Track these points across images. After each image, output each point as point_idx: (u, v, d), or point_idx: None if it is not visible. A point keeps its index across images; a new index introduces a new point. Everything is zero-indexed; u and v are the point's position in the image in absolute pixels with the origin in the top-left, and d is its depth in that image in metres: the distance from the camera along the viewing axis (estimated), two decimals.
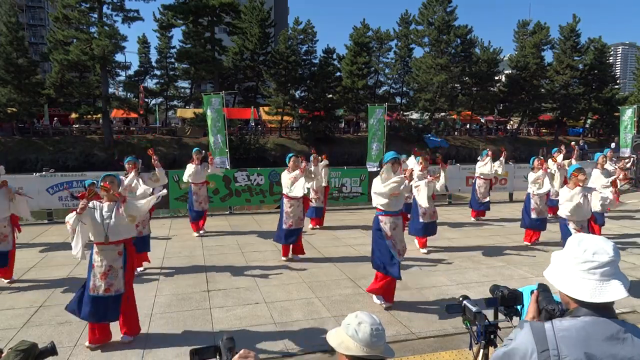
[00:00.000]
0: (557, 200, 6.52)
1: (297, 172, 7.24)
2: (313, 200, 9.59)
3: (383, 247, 5.36)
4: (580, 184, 5.82)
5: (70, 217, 4.22)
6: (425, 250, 7.95)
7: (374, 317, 1.70)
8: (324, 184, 9.99)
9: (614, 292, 1.42)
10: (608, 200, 5.72)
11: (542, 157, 9.06)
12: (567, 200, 5.85)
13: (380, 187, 5.32)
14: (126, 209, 4.35)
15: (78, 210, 4.17)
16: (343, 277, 6.57)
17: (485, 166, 10.55)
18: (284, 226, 7.36)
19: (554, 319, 1.48)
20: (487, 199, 10.64)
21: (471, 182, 11.43)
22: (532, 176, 8.55)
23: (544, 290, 1.90)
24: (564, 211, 5.96)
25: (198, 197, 9.24)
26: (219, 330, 4.80)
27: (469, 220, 10.74)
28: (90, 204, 4.32)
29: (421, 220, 7.90)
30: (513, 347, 1.48)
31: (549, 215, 9.49)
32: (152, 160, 7.57)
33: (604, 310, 1.44)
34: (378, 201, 5.41)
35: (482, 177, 10.59)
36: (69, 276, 6.61)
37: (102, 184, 4.37)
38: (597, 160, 9.12)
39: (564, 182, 6.50)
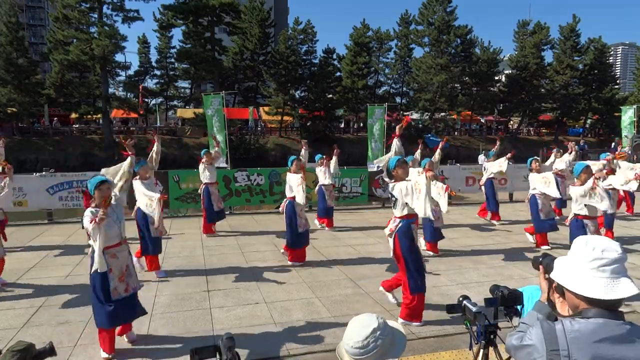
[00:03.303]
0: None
1: (300, 175, 6.87)
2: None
3: (416, 260, 4.87)
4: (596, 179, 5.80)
5: (93, 230, 4.02)
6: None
7: (365, 330, 1.59)
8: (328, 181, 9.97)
9: (625, 288, 1.43)
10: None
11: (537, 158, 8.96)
12: (582, 196, 5.83)
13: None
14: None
15: (98, 220, 3.97)
16: (343, 277, 6.57)
17: (495, 166, 10.38)
18: (300, 229, 7.06)
19: (564, 320, 1.48)
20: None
21: (470, 182, 11.39)
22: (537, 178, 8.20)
23: (545, 256, 1.91)
24: (578, 209, 5.95)
25: (216, 197, 9.28)
26: (219, 330, 4.80)
27: (469, 221, 10.73)
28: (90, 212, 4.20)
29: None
30: (531, 344, 1.49)
31: (557, 217, 9.18)
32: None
33: (613, 310, 1.45)
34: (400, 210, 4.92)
35: (494, 176, 10.44)
36: (69, 276, 6.61)
37: (97, 193, 4.21)
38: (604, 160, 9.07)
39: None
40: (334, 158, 10.29)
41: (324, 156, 10.19)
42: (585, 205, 5.92)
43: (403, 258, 4.86)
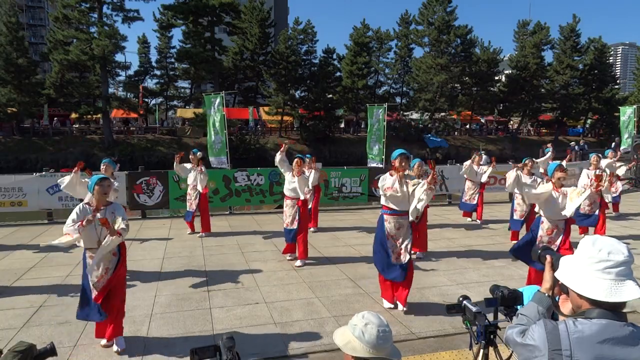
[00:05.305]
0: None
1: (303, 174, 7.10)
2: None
3: (382, 247, 5.27)
4: (562, 183, 5.71)
5: (71, 230, 4.09)
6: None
7: (381, 319, 1.68)
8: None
9: (629, 291, 1.41)
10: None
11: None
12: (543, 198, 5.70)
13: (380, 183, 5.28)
14: (111, 243, 4.13)
15: (84, 222, 4.04)
16: (343, 277, 6.57)
17: (477, 172, 10.38)
18: (284, 225, 7.44)
19: (567, 320, 1.48)
20: (466, 199, 10.58)
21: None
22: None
23: (545, 249, 1.91)
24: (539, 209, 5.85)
25: (190, 197, 9.31)
26: (219, 330, 4.80)
27: (469, 221, 10.73)
28: (79, 209, 4.24)
29: None
30: (533, 344, 1.48)
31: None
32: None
33: (616, 312, 1.44)
34: (382, 199, 5.36)
35: (469, 179, 10.50)
36: (69, 276, 6.61)
37: (99, 219, 4.07)
38: (590, 161, 9.08)
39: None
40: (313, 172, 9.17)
41: (313, 157, 9.88)
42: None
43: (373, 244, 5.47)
